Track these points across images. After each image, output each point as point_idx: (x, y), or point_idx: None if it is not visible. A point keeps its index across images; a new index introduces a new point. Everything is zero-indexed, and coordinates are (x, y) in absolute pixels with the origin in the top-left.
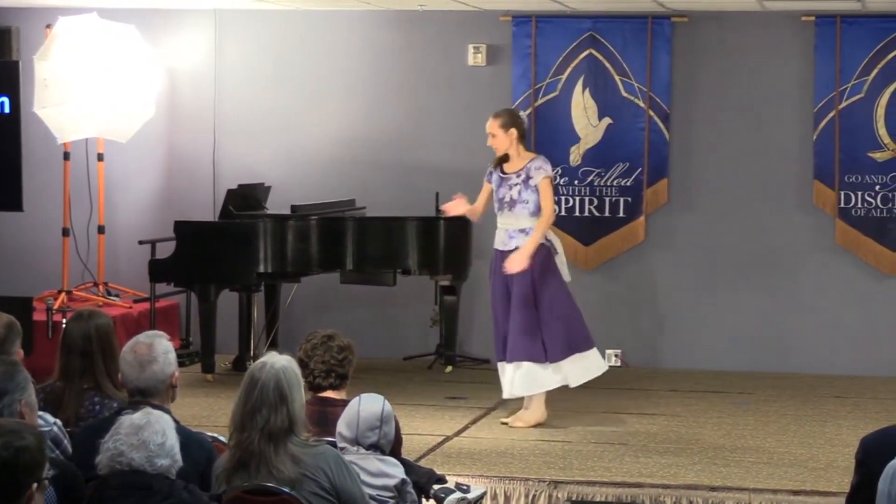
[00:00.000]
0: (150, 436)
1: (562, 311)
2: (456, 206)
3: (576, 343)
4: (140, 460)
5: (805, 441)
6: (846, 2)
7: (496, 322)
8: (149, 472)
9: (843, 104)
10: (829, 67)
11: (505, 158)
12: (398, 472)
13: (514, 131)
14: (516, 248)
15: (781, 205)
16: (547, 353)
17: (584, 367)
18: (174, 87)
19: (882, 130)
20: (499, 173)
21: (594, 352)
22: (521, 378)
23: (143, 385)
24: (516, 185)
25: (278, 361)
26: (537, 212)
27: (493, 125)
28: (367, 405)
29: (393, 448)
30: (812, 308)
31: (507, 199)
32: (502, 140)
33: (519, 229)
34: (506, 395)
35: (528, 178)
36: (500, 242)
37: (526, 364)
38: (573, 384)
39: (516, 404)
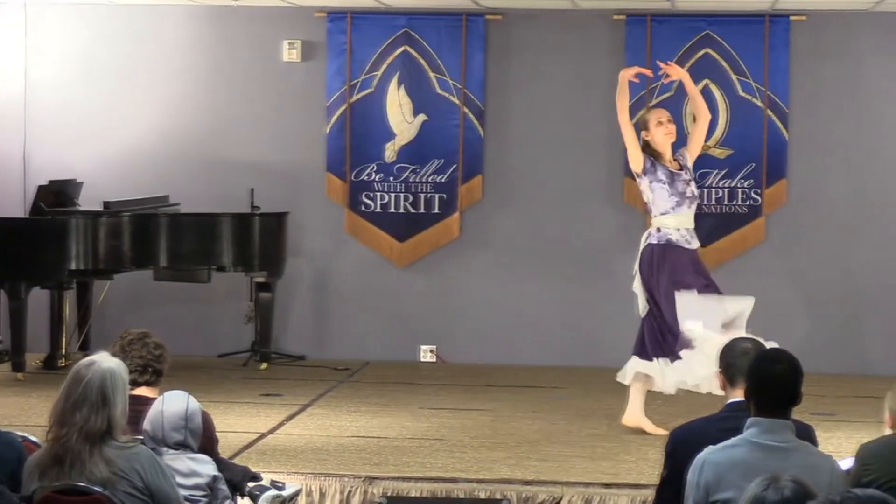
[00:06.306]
0: None
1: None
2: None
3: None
4: None
5: (617, 435)
6: (656, 1)
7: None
8: None
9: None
10: (639, 64)
11: (656, 150)
12: (209, 469)
13: None
14: (697, 249)
15: (593, 201)
16: None
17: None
18: None
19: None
20: (666, 167)
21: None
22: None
23: None
24: (692, 180)
25: (106, 363)
26: None
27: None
28: (170, 404)
29: (208, 447)
30: (624, 303)
31: (688, 194)
32: None
33: (693, 227)
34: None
35: (691, 172)
36: (682, 240)
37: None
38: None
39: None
